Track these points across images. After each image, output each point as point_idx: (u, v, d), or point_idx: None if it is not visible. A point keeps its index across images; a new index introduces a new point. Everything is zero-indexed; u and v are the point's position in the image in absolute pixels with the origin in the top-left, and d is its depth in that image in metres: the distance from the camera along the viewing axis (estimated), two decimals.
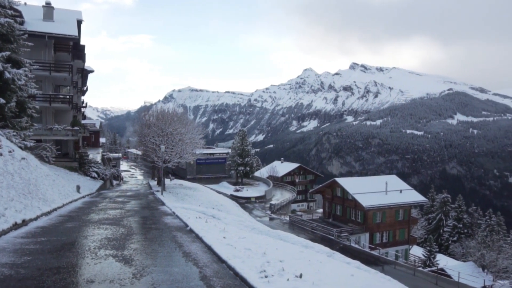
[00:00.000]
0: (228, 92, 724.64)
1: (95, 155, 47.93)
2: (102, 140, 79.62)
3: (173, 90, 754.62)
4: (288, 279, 7.44)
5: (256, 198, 64.91)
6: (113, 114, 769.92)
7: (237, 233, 14.29)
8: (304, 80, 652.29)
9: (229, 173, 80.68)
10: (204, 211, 23.93)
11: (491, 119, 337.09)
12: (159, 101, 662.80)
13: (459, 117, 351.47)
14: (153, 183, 46.48)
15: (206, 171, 79.75)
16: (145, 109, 50.34)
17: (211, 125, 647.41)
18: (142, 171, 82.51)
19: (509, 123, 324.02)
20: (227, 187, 69.69)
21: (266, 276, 7.57)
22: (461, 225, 68.28)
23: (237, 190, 67.59)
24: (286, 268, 8.21)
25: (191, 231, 13.78)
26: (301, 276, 7.67)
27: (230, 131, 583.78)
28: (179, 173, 76.84)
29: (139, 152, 57.57)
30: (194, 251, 10.39)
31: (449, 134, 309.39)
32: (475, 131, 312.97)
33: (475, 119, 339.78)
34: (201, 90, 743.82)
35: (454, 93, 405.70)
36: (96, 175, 37.24)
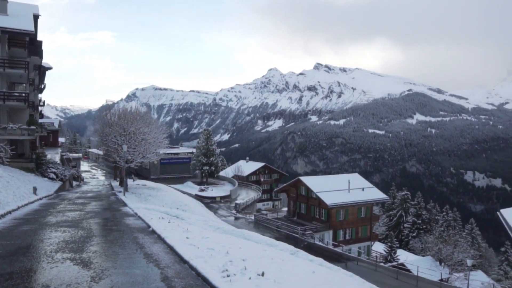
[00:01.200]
0: (193, 91, 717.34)
1: (53, 155, 46.22)
2: (61, 140, 76.92)
3: (137, 89, 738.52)
4: (250, 278, 7.46)
5: (221, 197, 64.60)
6: (73, 113, 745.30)
7: (200, 233, 14.18)
8: (269, 79, 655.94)
9: (194, 172, 79.95)
10: (168, 211, 23.60)
11: (448, 119, 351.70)
12: (121, 99, 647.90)
13: (418, 117, 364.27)
14: (115, 183, 45.35)
15: (170, 171, 78.67)
16: (107, 108, 48.99)
17: (176, 125, 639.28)
18: (104, 171, 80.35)
19: (464, 123, 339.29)
20: (191, 187, 68.97)
21: (228, 276, 7.56)
22: (420, 221, 70.76)
23: (202, 190, 67.06)
24: (248, 266, 8.23)
25: (154, 232, 13.57)
26: (263, 274, 7.71)
27: (195, 131, 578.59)
28: (142, 173, 75.41)
29: (101, 152, 56.10)
30: (156, 252, 10.23)
31: (409, 133, 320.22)
32: (433, 131, 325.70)
33: (433, 119, 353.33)
34: (165, 89, 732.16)
35: (414, 93, 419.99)
36: (54, 176, 35.90)
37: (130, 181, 44.91)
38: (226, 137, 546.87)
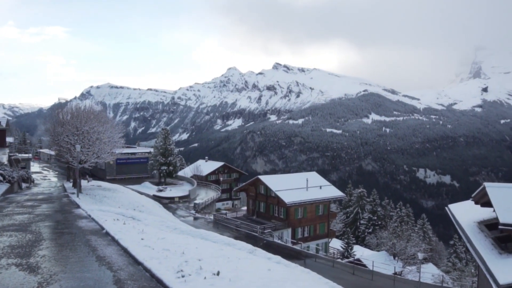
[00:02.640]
0: (150, 89, 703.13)
1: (0, 156, 43.86)
2: (10, 139, 73.02)
3: (91, 87, 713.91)
4: (205, 277, 7.39)
5: (180, 197, 63.73)
6: (22, 111, 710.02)
7: (156, 234, 13.92)
8: (228, 79, 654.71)
9: (152, 173, 78.42)
10: (124, 212, 23.03)
11: (401, 118, 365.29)
12: (75, 98, 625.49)
13: (374, 116, 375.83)
14: (68, 185, 43.66)
15: (127, 171, 76.80)
16: (59, 106, 47.05)
17: (133, 124, 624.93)
18: (56, 172, 77.18)
19: (416, 122, 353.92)
20: (149, 188, 67.64)
21: (183, 276, 7.46)
22: (375, 218, 73.07)
23: (160, 190, 65.89)
24: (204, 266, 8.16)
25: (107, 234, 13.17)
26: (218, 273, 7.67)
27: (153, 130, 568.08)
28: (97, 174, 73.10)
29: (53, 153, 53.74)
30: (109, 254, 9.93)
31: (365, 133, 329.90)
32: (388, 130, 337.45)
33: (387, 119, 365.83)
34: (121, 87, 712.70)
35: (369, 94, 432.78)
36: (1, 178, 34.08)
37: (84, 182, 43.38)
38: (185, 136, 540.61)
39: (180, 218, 48.26)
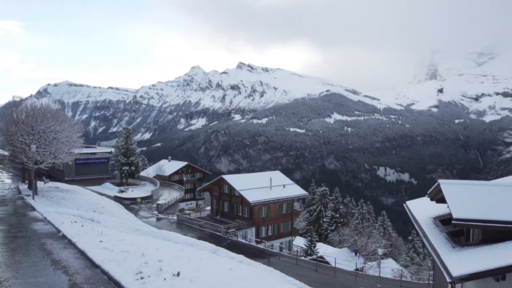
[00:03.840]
0: (111, 88, 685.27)
1: None
2: None
3: (48, 84, 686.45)
4: (165, 279, 7.27)
5: (143, 198, 62.64)
6: None
7: (116, 235, 13.56)
8: (192, 77, 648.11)
9: (113, 173, 76.56)
10: (82, 214, 22.34)
11: (362, 118, 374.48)
12: (31, 96, 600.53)
13: (336, 116, 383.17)
14: (23, 187, 41.83)
15: (87, 172, 74.56)
16: (13, 104, 44.99)
17: (93, 123, 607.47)
18: (11, 174, 73.71)
19: (376, 122, 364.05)
20: (110, 188, 66.12)
21: (142, 278, 7.29)
22: (338, 215, 74.55)
23: (122, 191, 64.51)
24: (164, 267, 8.02)
25: (64, 236, 12.71)
26: (178, 274, 7.55)
27: (114, 129, 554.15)
28: (55, 175, 70.52)
29: (6, 153, 51.32)
30: (65, 258, 9.57)
31: (327, 132, 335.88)
32: (349, 129, 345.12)
33: (349, 118, 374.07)
34: (81, 85, 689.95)
35: (331, 94, 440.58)
36: None
37: (40, 184, 41.69)
38: (147, 136, 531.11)
39: (142, 219, 47.42)
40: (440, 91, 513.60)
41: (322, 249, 55.86)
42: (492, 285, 12.28)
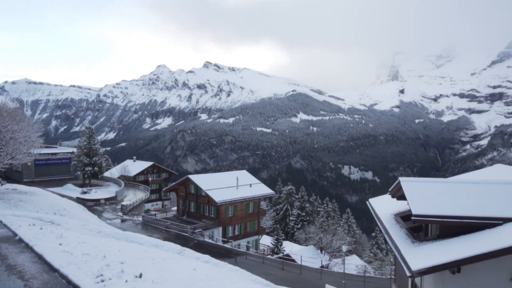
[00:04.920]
0: (73, 86, 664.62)
1: None
2: None
3: (5, 82, 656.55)
4: (126, 281, 7.12)
5: (106, 199, 61.34)
6: None
7: (77, 238, 13.17)
8: (157, 76, 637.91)
9: (75, 174, 74.49)
10: (42, 217, 21.55)
11: (327, 118, 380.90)
12: None
13: (302, 116, 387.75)
14: None
15: (48, 173, 72.24)
16: None
17: (54, 122, 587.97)
18: None
19: (341, 121, 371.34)
20: (72, 190, 64.34)
21: (102, 281, 7.12)
22: (304, 214, 75.39)
23: (85, 192, 62.95)
24: (126, 269, 7.86)
25: (21, 240, 12.21)
26: (141, 276, 7.42)
27: (77, 129, 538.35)
28: (13, 176, 67.84)
29: None
30: (21, 262, 9.18)
31: (294, 131, 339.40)
32: (315, 129, 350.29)
33: (314, 118, 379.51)
34: (41, 83, 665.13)
35: (297, 94, 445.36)
36: None
37: None
38: (111, 135, 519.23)
39: (106, 220, 46.39)
40: (402, 91, 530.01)
41: (289, 247, 56.35)
42: (448, 278, 12.80)
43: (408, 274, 12.77)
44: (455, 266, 12.12)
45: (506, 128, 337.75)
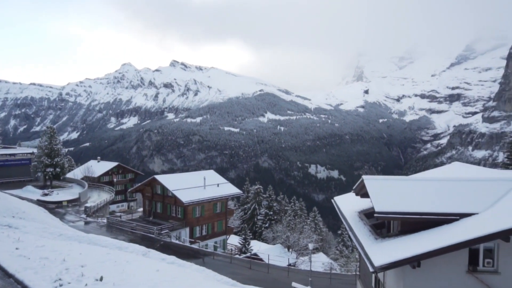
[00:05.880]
0: (34, 84, 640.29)
1: None
2: None
3: None
4: (86, 284, 6.91)
5: (69, 201, 59.59)
6: None
7: (36, 242, 12.69)
8: (123, 75, 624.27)
9: (36, 175, 71.97)
10: None
11: (294, 117, 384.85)
12: None
13: (269, 115, 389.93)
14: None
15: (6, 175, 69.65)
16: None
17: (13, 122, 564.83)
18: None
19: (308, 121, 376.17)
20: (32, 192, 62.14)
21: (61, 285, 6.87)
22: (271, 213, 75.80)
23: (46, 194, 60.88)
24: (86, 272, 7.63)
25: None
26: (101, 279, 7.23)
27: (37, 128, 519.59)
28: None
29: None
30: None
31: (261, 131, 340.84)
32: (282, 128, 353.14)
33: (282, 118, 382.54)
34: None
35: (265, 93, 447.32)
36: None
37: None
38: (75, 135, 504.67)
39: (69, 223, 45.10)
40: (366, 92, 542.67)
41: (256, 246, 56.51)
42: (409, 272, 13.23)
43: (371, 269, 13.09)
44: (415, 261, 12.54)
45: (463, 127, 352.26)
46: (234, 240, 59.05)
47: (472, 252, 13.12)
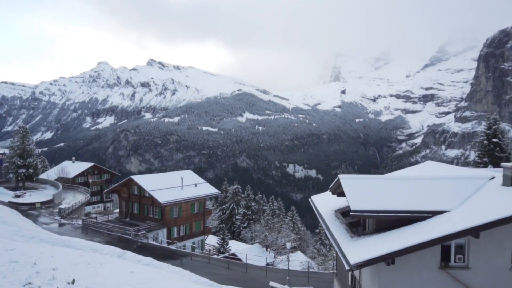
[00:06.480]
0: (5, 82, 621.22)
1: None
2: None
3: None
4: (57, 287, 6.77)
5: (42, 203, 58.28)
6: None
7: (5, 245, 12.31)
8: (99, 73, 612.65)
9: (7, 177, 70.09)
10: None
11: (272, 117, 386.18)
12: None
13: (247, 115, 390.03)
14: None
15: None
16: None
17: None
18: None
19: (286, 121, 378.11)
20: (4, 193, 60.66)
21: None
22: (250, 212, 75.90)
23: (18, 196, 59.39)
24: (58, 276, 7.45)
25: None
26: (73, 282, 7.07)
27: (9, 128, 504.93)
28: None
29: None
30: None
31: (239, 131, 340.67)
32: (260, 128, 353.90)
33: (260, 117, 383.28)
34: None
35: (243, 93, 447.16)
36: None
37: None
38: (48, 135, 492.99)
39: (42, 225, 44.05)
40: (343, 92, 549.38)
41: (235, 246, 56.47)
42: (384, 269, 13.45)
43: (347, 267, 13.26)
44: (389, 258, 12.76)
45: (437, 127, 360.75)
46: (212, 240, 58.83)
47: (444, 249, 13.46)
